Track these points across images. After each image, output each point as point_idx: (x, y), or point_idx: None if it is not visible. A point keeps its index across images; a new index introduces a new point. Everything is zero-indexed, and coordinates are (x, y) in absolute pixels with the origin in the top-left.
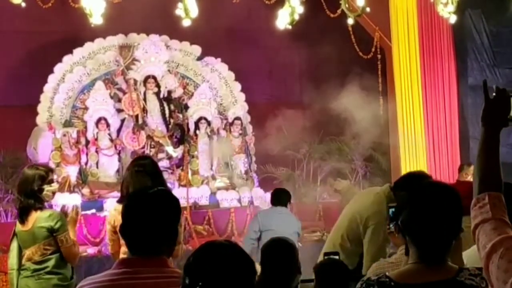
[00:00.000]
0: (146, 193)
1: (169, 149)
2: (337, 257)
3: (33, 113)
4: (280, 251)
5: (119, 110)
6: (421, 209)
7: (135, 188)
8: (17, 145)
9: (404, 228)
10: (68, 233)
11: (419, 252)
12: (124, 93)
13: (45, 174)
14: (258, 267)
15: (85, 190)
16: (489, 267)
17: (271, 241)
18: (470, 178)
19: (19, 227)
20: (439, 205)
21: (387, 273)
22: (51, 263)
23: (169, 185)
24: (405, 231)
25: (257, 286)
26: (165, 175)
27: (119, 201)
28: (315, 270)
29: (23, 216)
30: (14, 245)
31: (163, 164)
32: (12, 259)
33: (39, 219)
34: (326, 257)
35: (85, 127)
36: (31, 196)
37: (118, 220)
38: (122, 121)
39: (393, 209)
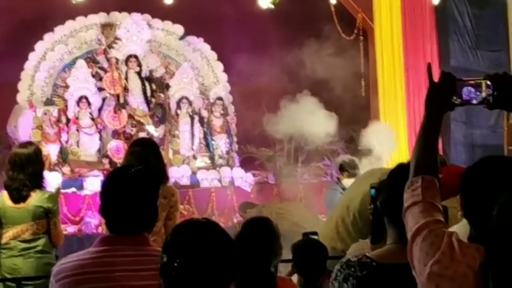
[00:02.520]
0: (124, 172)
1: (150, 128)
2: (315, 237)
3: (13, 91)
4: (260, 231)
5: (101, 89)
6: (398, 189)
7: None
8: None
9: (383, 209)
10: (60, 216)
11: (397, 233)
12: (106, 72)
13: (41, 150)
14: None
15: (66, 169)
16: (413, 249)
17: (250, 221)
18: None
19: (7, 204)
20: None
21: (367, 254)
22: (41, 242)
23: None
24: (384, 212)
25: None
26: None
27: None
28: (293, 250)
29: (22, 197)
30: None
31: None
32: None
33: (37, 198)
34: (304, 237)
35: (66, 106)
36: (37, 175)
37: None
38: (104, 100)
39: (375, 190)
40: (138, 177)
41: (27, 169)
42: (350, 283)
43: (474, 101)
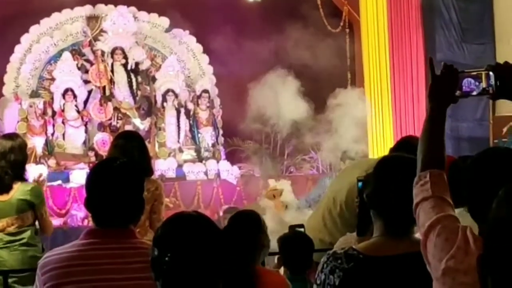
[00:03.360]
0: (109, 165)
1: (136, 121)
2: (302, 229)
3: None
4: (246, 224)
5: (86, 82)
6: (385, 182)
7: None
8: None
9: (369, 201)
10: (46, 207)
11: (384, 225)
12: (92, 64)
13: (26, 143)
14: None
15: (51, 161)
16: (427, 245)
17: (237, 214)
18: None
19: None
20: (403, 178)
21: (353, 246)
22: (27, 234)
23: None
24: (370, 204)
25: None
26: None
27: None
28: (279, 243)
29: (7, 186)
30: None
31: None
32: None
33: (20, 191)
34: (290, 230)
35: (52, 98)
36: (19, 166)
37: None
38: (89, 92)
39: (361, 182)
40: (123, 170)
41: (8, 158)
42: (337, 275)
43: (474, 93)
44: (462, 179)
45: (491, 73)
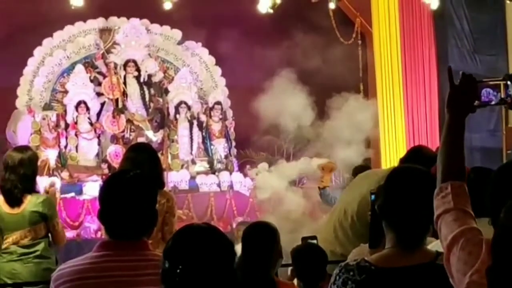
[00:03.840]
0: (123, 177)
1: (149, 133)
2: (315, 241)
3: (12, 96)
4: (261, 235)
5: (99, 94)
6: (397, 193)
7: None
8: None
9: (381, 213)
10: (59, 217)
11: (396, 237)
12: (104, 76)
13: (37, 156)
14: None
15: (65, 174)
16: (450, 259)
17: (253, 225)
18: None
19: (3, 209)
20: (414, 189)
21: (365, 258)
22: (40, 247)
23: None
24: (382, 216)
25: (237, 270)
26: None
27: None
28: (292, 255)
29: (18, 199)
30: None
31: None
32: None
33: (31, 203)
34: (303, 242)
35: (65, 111)
36: (29, 179)
37: None
38: (102, 104)
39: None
40: (136, 181)
41: (18, 171)
42: (349, 287)
43: (493, 102)
44: (485, 191)
45: (509, 82)
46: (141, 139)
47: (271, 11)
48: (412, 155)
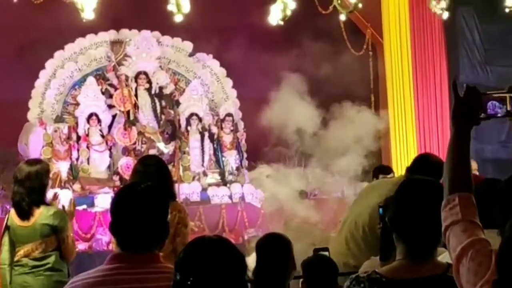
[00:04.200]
0: (134, 189)
1: (161, 145)
2: (326, 253)
3: (24, 108)
4: (275, 247)
5: (110, 106)
6: (407, 205)
7: None
8: (8, 140)
9: (391, 225)
10: (69, 231)
11: (407, 249)
12: (116, 89)
13: (49, 169)
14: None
15: (76, 186)
16: (459, 270)
17: (267, 237)
18: None
19: (15, 222)
20: (424, 201)
21: (376, 270)
22: (51, 259)
23: None
24: (393, 228)
25: (252, 282)
26: None
27: None
28: (303, 267)
29: (26, 211)
30: (5, 240)
31: None
32: (5, 254)
33: (42, 215)
34: (314, 253)
35: (76, 123)
36: (36, 192)
37: None
38: (113, 117)
39: (382, 208)
40: (147, 194)
41: (25, 184)
42: None
43: (499, 115)
44: (495, 202)
45: None
46: (152, 151)
47: (281, 23)
48: (419, 163)
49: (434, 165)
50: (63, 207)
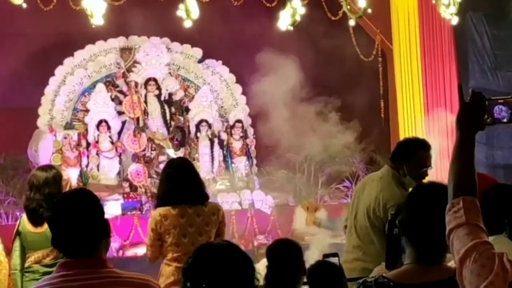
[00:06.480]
0: (63, 197)
1: (170, 151)
2: (336, 258)
3: (34, 115)
4: (287, 252)
5: (120, 113)
6: (419, 209)
7: (167, 190)
8: (18, 147)
9: (402, 229)
10: None
11: (416, 253)
12: (125, 95)
13: (61, 175)
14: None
15: None
16: (463, 272)
17: (277, 243)
18: None
19: (27, 228)
20: (437, 206)
21: (384, 274)
22: None
23: None
24: (403, 232)
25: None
26: None
27: (158, 205)
28: (308, 273)
29: (39, 218)
30: (16, 245)
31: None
32: (16, 260)
33: None
34: (319, 260)
35: (86, 130)
36: (51, 197)
37: (164, 226)
38: (123, 123)
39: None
40: (74, 198)
41: (43, 190)
42: None
43: (505, 120)
44: (503, 206)
45: None
46: (162, 158)
47: (291, 28)
48: (395, 149)
49: (401, 144)
50: None
